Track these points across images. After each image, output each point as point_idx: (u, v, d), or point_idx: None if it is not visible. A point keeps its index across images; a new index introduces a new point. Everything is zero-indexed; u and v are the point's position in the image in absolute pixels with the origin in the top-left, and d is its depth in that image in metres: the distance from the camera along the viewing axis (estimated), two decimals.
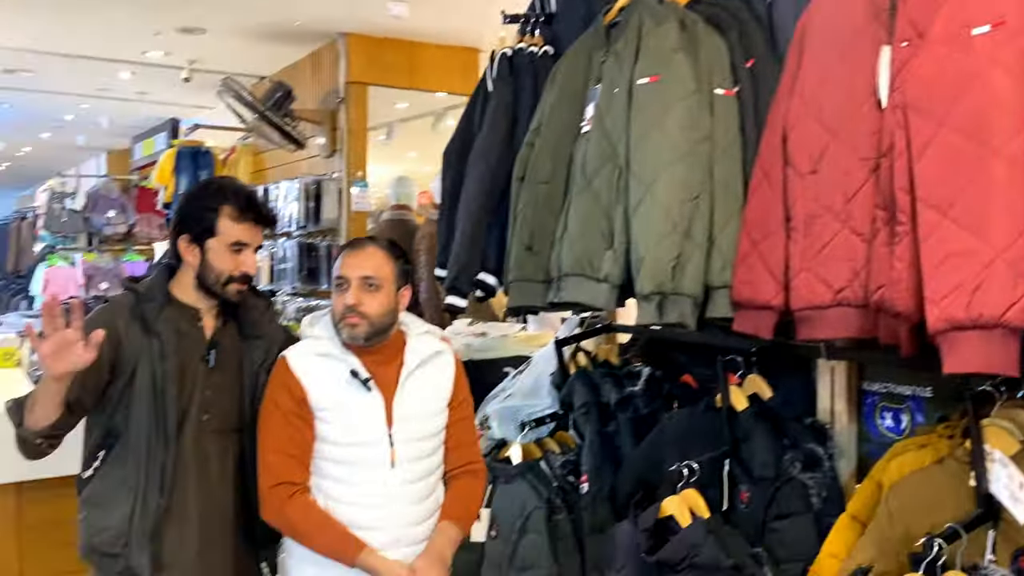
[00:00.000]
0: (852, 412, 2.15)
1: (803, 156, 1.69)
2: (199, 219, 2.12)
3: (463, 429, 2.20)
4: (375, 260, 2.04)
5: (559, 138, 2.19)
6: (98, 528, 2.06)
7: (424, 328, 2.19)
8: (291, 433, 2.02)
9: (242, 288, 2.15)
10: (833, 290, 1.62)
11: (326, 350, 2.05)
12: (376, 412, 2.03)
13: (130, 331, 2.07)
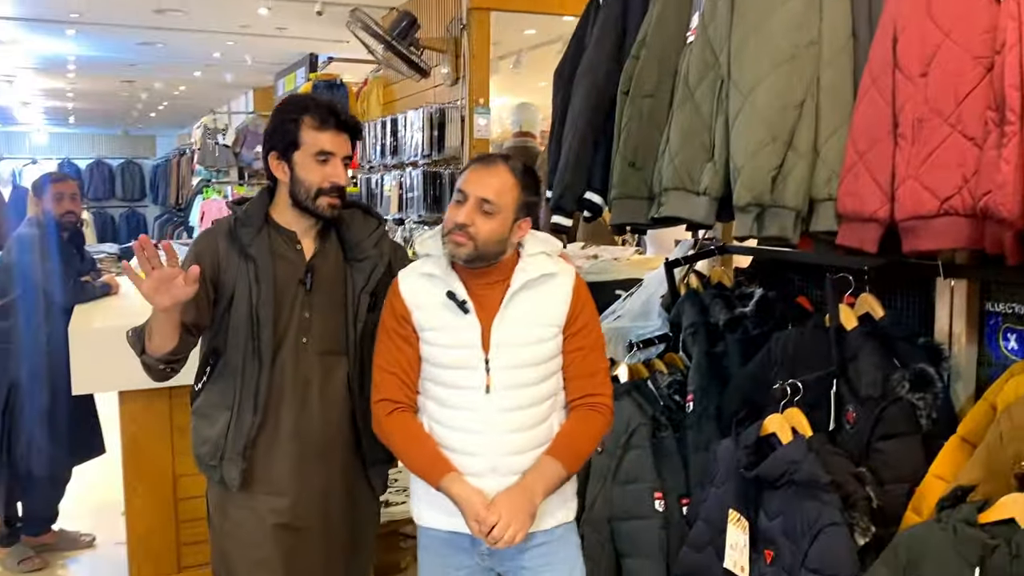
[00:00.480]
0: (972, 333, 2.05)
1: (914, 58, 1.60)
2: (283, 133, 2.08)
3: (583, 358, 2.01)
4: (500, 183, 1.92)
5: (665, 49, 2.15)
6: (200, 439, 2.13)
7: (540, 248, 2.02)
8: (394, 352, 2.00)
9: (334, 202, 2.09)
10: (940, 198, 1.54)
11: (430, 270, 1.98)
12: (472, 336, 1.94)
13: (229, 255, 2.09)
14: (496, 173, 1.92)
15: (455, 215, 1.91)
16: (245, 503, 2.13)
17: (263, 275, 2.06)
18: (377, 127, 5.74)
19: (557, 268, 2.00)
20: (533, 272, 1.96)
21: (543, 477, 1.92)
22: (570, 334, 1.99)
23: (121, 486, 3.28)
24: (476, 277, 1.96)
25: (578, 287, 2.01)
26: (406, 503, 3.22)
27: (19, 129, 16.59)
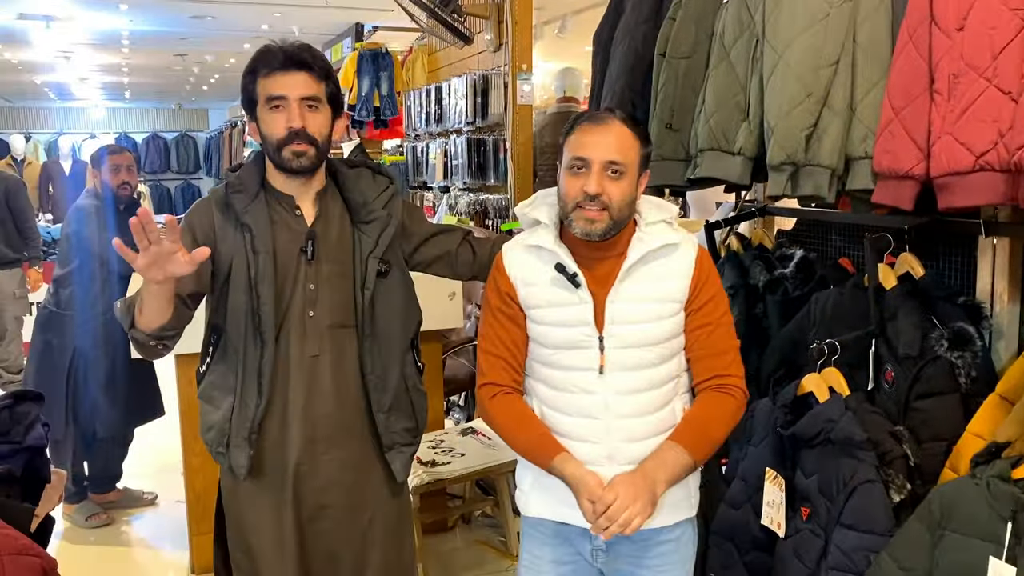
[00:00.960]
0: (1015, 292, 2.03)
1: (950, 12, 1.58)
2: (244, 92, 1.93)
3: (708, 336, 1.81)
4: (624, 141, 1.71)
5: (701, 11, 2.14)
6: (206, 425, 2.01)
7: (660, 216, 1.81)
8: (497, 332, 1.84)
9: (301, 149, 1.88)
10: (975, 154, 1.53)
11: (537, 240, 1.80)
12: (584, 312, 1.76)
13: (225, 225, 1.94)
14: (612, 129, 1.71)
15: (579, 185, 1.70)
16: (258, 490, 2.01)
17: (260, 245, 1.90)
18: (422, 95, 5.78)
19: (678, 238, 1.80)
20: (652, 242, 1.77)
21: (665, 465, 1.72)
22: (693, 310, 1.80)
23: (180, 448, 3.41)
24: (589, 248, 1.77)
25: (701, 258, 1.81)
26: (452, 463, 3.32)
27: (77, 105, 17.00)
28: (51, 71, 11.82)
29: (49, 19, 7.53)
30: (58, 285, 3.83)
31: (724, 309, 1.84)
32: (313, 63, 1.90)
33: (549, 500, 1.84)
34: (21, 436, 1.87)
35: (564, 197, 1.74)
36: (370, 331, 1.99)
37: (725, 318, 1.83)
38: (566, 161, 1.74)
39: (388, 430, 2.04)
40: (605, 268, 1.77)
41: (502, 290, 1.84)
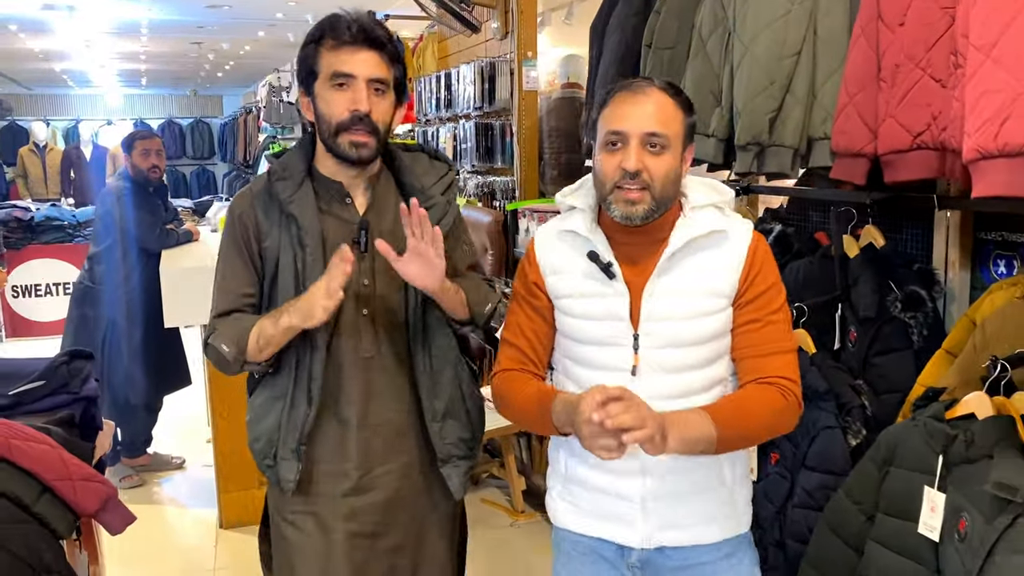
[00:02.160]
0: (965, 259, 2.24)
1: (893, 9, 1.80)
2: (303, 63, 1.75)
3: (756, 333, 1.58)
4: (664, 111, 1.52)
5: (683, 6, 2.36)
6: (254, 436, 1.86)
7: (709, 198, 1.61)
8: (519, 320, 1.69)
9: (360, 140, 1.71)
10: (912, 134, 1.75)
11: (571, 226, 1.63)
12: (618, 306, 1.58)
13: (268, 217, 1.77)
14: (651, 98, 1.52)
15: (616, 162, 1.51)
16: (307, 507, 1.85)
17: (309, 237, 1.74)
18: (432, 81, 5.99)
19: (728, 224, 1.59)
20: (697, 229, 1.56)
21: (685, 422, 1.46)
22: (741, 305, 1.59)
23: (206, 416, 3.66)
24: (628, 235, 1.58)
25: (755, 247, 1.59)
26: None
27: (95, 92, 17.28)
28: (70, 59, 12.07)
29: (72, 9, 7.77)
30: (92, 262, 4.09)
31: (779, 305, 1.60)
32: (387, 42, 1.73)
33: (581, 512, 1.68)
34: (78, 387, 2.12)
35: (601, 177, 1.55)
36: (422, 330, 1.82)
37: (779, 315, 1.60)
38: (601, 137, 1.55)
39: (443, 441, 1.87)
40: (644, 257, 1.58)
41: (529, 279, 1.69)
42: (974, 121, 1.44)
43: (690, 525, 1.62)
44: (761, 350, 1.58)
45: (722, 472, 1.65)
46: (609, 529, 1.64)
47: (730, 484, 1.67)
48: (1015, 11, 1.40)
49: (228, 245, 1.82)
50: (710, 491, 1.64)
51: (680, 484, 1.61)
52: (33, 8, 7.67)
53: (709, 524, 1.64)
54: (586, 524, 1.68)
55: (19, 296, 7.02)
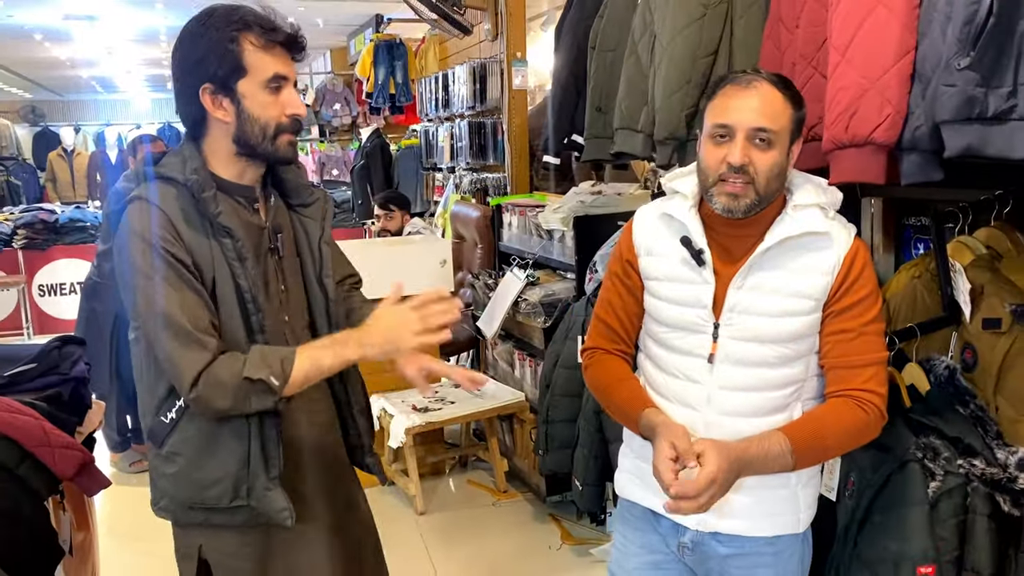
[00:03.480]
0: (888, 243, 2.39)
1: (790, 13, 1.95)
2: (220, 58, 1.56)
3: (847, 344, 1.56)
4: (770, 103, 1.50)
5: (623, 11, 2.53)
6: (203, 482, 1.64)
7: (815, 199, 1.58)
8: (611, 298, 1.73)
9: (294, 140, 1.66)
10: (807, 126, 1.90)
11: (670, 209, 1.63)
12: (704, 294, 1.59)
13: (192, 232, 1.57)
14: (760, 91, 1.51)
15: (722, 155, 1.51)
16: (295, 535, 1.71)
17: (247, 250, 1.61)
18: (432, 82, 6.19)
19: (829, 227, 1.57)
20: (795, 228, 1.55)
21: (761, 453, 1.50)
22: (833, 313, 1.57)
23: None
24: (727, 225, 1.58)
25: (854, 255, 1.56)
26: (442, 410, 3.76)
27: (122, 97, 17.73)
28: (97, 66, 12.45)
29: (92, 19, 8.08)
30: (101, 259, 4.33)
31: (873, 316, 1.57)
32: (300, 45, 1.65)
33: (643, 487, 1.72)
34: (68, 369, 2.33)
35: (705, 169, 1.55)
36: (330, 325, 1.76)
37: (872, 327, 1.57)
38: (707, 129, 1.55)
39: (364, 432, 1.89)
40: (739, 249, 1.58)
41: (624, 257, 1.72)
42: (830, 115, 1.60)
43: (747, 516, 1.64)
44: (851, 361, 1.56)
45: (789, 473, 1.61)
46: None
47: (794, 485, 1.66)
48: (864, 16, 1.56)
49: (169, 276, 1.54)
50: (774, 488, 1.63)
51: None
52: (55, 18, 8.00)
53: (767, 519, 1.65)
54: (650, 498, 1.69)
55: (44, 295, 7.34)
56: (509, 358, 4.14)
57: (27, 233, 7.12)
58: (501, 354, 4.24)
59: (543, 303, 3.55)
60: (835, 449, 1.62)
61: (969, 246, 1.94)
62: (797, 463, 1.53)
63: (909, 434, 1.75)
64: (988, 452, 1.69)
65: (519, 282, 3.67)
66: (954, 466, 1.68)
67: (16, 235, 7.13)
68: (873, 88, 1.53)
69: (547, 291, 3.59)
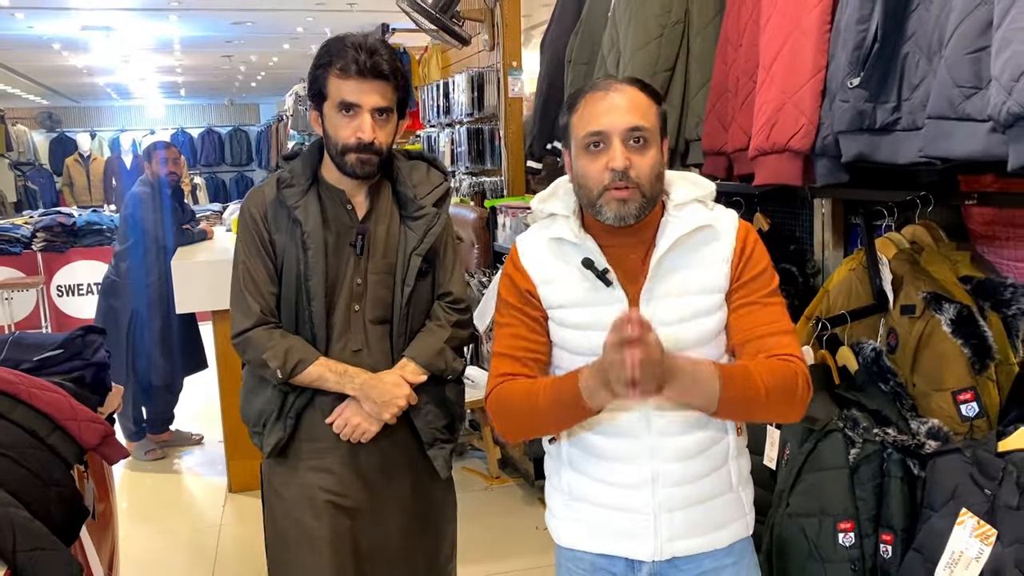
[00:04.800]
0: (838, 240, 2.61)
1: (734, 32, 2.18)
2: (313, 82, 1.89)
3: (749, 315, 1.52)
4: (635, 102, 1.46)
5: (595, 26, 2.76)
6: (247, 407, 2.06)
7: (692, 193, 1.55)
8: (515, 332, 1.59)
9: (366, 158, 1.86)
10: (748, 135, 2.13)
11: (559, 233, 1.55)
12: (616, 314, 1.41)
13: (278, 216, 1.95)
14: (623, 92, 1.48)
15: (602, 163, 1.45)
16: (294, 477, 2.03)
17: (312, 241, 1.91)
18: (434, 89, 6.43)
19: (712, 217, 1.54)
20: (683, 226, 1.51)
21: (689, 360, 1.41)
22: (735, 290, 1.54)
23: None
24: (613, 236, 1.53)
25: (743, 236, 1.55)
26: None
27: (137, 103, 18.08)
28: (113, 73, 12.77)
29: (108, 29, 8.38)
30: (118, 259, 4.60)
31: (772, 288, 1.55)
32: (391, 73, 1.84)
33: (584, 527, 1.60)
34: (90, 355, 2.58)
35: (586, 183, 1.48)
36: (404, 329, 2.00)
37: (775, 298, 1.55)
38: (578, 141, 1.48)
39: (427, 426, 2.05)
40: (633, 260, 1.53)
41: (521, 287, 1.59)
42: (756, 126, 1.83)
43: (702, 533, 1.57)
44: (762, 331, 1.51)
45: (730, 475, 1.60)
46: (619, 545, 1.56)
47: (736, 486, 1.62)
48: (784, 38, 1.78)
49: (248, 244, 1.97)
50: (720, 496, 1.59)
51: (691, 492, 1.55)
52: (73, 29, 8.30)
53: (720, 529, 1.59)
54: (593, 542, 1.59)
55: (63, 295, 7.61)
56: None
57: (46, 236, 7.40)
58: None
59: None
60: (763, 400, 1.45)
61: (894, 241, 2.16)
62: (723, 394, 1.42)
63: (834, 407, 1.98)
64: (903, 422, 1.91)
65: None
66: (871, 435, 1.90)
67: (35, 238, 7.42)
68: (790, 102, 1.76)
69: None
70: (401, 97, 1.92)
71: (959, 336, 1.91)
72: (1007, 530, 1.54)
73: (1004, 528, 1.55)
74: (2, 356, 2.45)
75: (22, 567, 1.67)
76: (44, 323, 7.46)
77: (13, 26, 8.10)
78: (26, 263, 7.45)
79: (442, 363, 2.03)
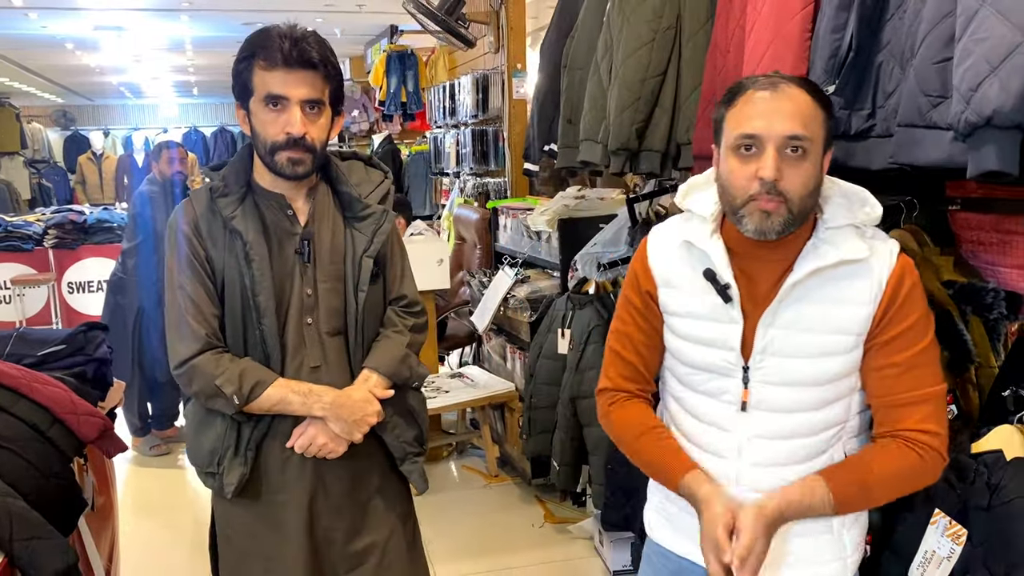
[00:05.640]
0: None
1: (723, 38, 2.22)
2: (237, 77, 1.73)
3: (896, 380, 1.40)
4: (805, 110, 1.33)
5: (591, 32, 2.80)
6: (196, 447, 1.87)
7: (848, 218, 1.41)
8: (631, 332, 1.57)
9: (297, 157, 1.71)
10: None
11: (690, 236, 1.47)
12: (731, 333, 1.43)
13: (212, 228, 1.77)
14: (789, 94, 1.34)
15: (751, 170, 1.34)
16: (257, 512, 1.86)
17: (255, 253, 1.75)
18: (440, 91, 6.49)
19: (866, 251, 1.38)
20: (828, 256, 1.38)
21: (799, 504, 1.39)
22: (877, 345, 1.41)
23: None
24: (754, 247, 1.42)
25: (899, 277, 1.39)
26: (436, 398, 4.04)
27: (151, 102, 18.23)
28: (125, 72, 12.89)
29: (120, 29, 8.47)
30: (125, 256, 4.67)
31: (924, 345, 1.40)
32: (320, 62, 1.69)
33: (675, 530, 1.61)
34: (92, 351, 2.64)
35: (730, 188, 1.38)
36: (360, 339, 1.86)
37: (924, 356, 1.40)
38: (729, 141, 1.37)
39: (398, 440, 1.93)
40: (767, 279, 1.42)
41: (643, 287, 1.55)
42: None
43: (789, 565, 1.50)
44: (901, 399, 1.40)
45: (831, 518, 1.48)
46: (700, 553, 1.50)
47: (837, 529, 1.51)
48: (767, 45, 1.82)
49: (183, 264, 1.78)
50: (816, 535, 1.50)
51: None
52: (86, 29, 8.40)
53: (810, 567, 1.51)
54: (680, 543, 1.59)
55: (74, 292, 7.70)
56: (502, 351, 4.42)
57: (57, 233, 7.49)
58: (495, 348, 4.52)
59: (529, 299, 3.82)
60: (881, 497, 1.44)
61: None
62: (838, 512, 1.41)
63: None
64: None
65: (508, 280, 3.95)
66: None
67: (47, 235, 7.51)
68: None
69: (533, 288, 3.87)
70: (334, 89, 1.76)
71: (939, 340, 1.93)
72: (977, 530, 1.57)
73: (974, 528, 1.57)
74: (7, 351, 2.51)
75: (19, 555, 1.72)
76: (55, 319, 7.55)
77: (27, 26, 8.20)
78: (38, 260, 7.54)
79: (407, 371, 1.91)
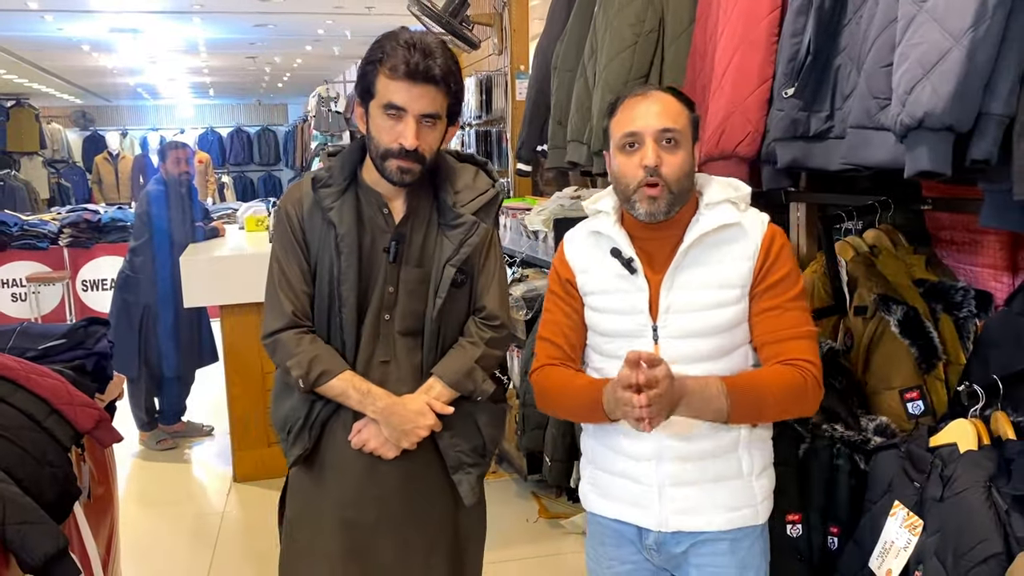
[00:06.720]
0: (812, 244, 2.67)
1: (702, 43, 2.27)
2: (362, 78, 1.78)
3: (776, 319, 1.65)
4: (671, 108, 1.62)
5: (579, 35, 2.85)
6: (274, 412, 1.99)
7: (723, 195, 1.68)
8: (556, 318, 1.79)
9: (407, 166, 1.76)
10: None
11: (596, 226, 1.74)
12: (639, 300, 1.67)
13: (312, 216, 1.87)
14: (657, 98, 1.64)
15: (636, 162, 1.62)
16: (313, 488, 1.96)
17: (345, 245, 1.83)
18: None
19: (739, 217, 1.66)
20: (709, 224, 1.65)
21: (697, 383, 1.58)
22: (757, 293, 1.66)
23: None
24: (649, 231, 1.68)
25: (770, 238, 1.67)
26: None
27: (168, 103, 18.43)
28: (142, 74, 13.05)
29: (135, 31, 8.60)
30: (132, 255, 4.76)
31: (796, 293, 1.67)
32: (442, 79, 1.74)
33: (607, 497, 1.79)
34: (92, 345, 2.72)
35: (622, 180, 1.65)
36: (435, 343, 1.90)
37: (797, 303, 1.67)
38: (616, 142, 1.66)
39: (453, 449, 1.93)
40: (664, 253, 1.67)
41: (562, 277, 1.79)
42: (706, 132, 1.92)
43: (702, 511, 1.69)
44: (780, 335, 1.64)
45: (740, 464, 1.70)
46: (629, 512, 1.74)
47: (747, 475, 1.71)
48: (735, 49, 1.87)
49: (285, 243, 1.89)
50: (726, 480, 1.70)
51: (694, 472, 1.68)
52: (101, 31, 8.53)
53: (722, 512, 1.69)
54: (609, 507, 1.78)
55: (88, 290, 7.83)
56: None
57: (72, 232, 7.62)
58: None
59: (525, 298, 3.88)
60: (772, 406, 1.64)
61: (853, 244, 2.23)
62: (732, 409, 1.59)
63: None
64: (852, 419, 1.98)
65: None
66: (821, 431, 1.97)
67: (62, 233, 7.64)
68: (738, 110, 1.84)
69: (529, 287, 3.92)
70: (452, 103, 1.81)
71: (906, 337, 1.98)
72: (931, 520, 1.61)
73: (929, 519, 1.62)
74: (9, 344, 2.60)
75: (10, 539, 1.80)
76: (69, 317, 7.68)
77: (43, 28, 8.35)
78: (53, 258, 7.67)
79: (471, 384, 1.89)
